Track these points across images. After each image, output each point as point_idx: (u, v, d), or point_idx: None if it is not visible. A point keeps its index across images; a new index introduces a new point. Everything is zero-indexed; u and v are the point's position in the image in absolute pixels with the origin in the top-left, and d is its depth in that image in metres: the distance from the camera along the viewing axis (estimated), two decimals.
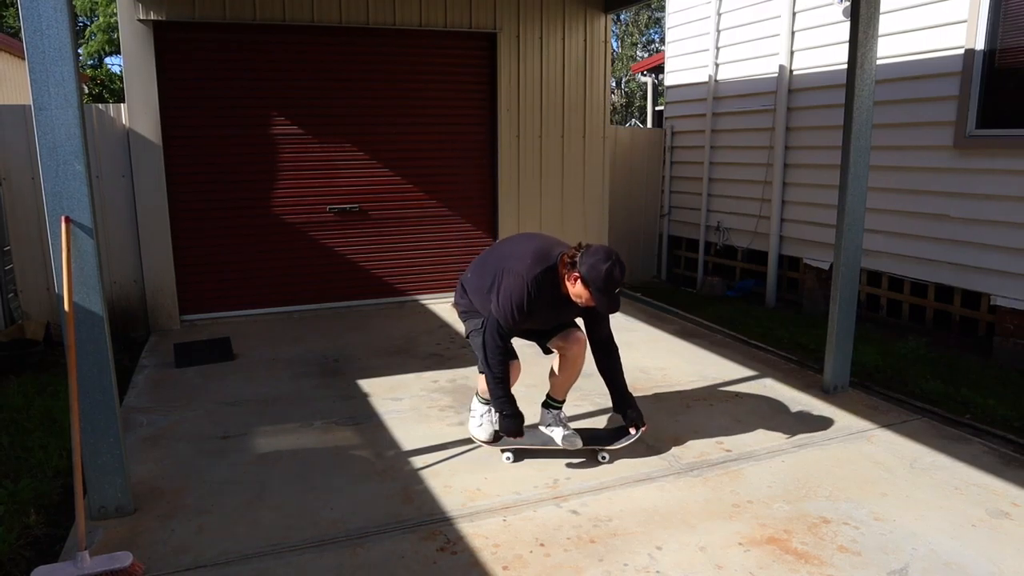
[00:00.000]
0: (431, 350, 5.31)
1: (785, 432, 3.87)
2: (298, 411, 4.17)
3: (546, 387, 4.60)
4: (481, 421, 3.66)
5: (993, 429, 3.98)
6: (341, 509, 3.09)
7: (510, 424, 3.35)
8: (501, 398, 3.36)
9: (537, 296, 3.26)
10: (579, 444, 3.54)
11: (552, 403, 3.72)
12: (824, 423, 4.00)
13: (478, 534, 2.91)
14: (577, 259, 3.17)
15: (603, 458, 3.55)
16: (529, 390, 4.45)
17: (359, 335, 5.72)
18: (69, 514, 3.06)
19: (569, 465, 3.49)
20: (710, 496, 3.20)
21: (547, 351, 3.72)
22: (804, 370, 4.89)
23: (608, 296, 3.14)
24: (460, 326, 5.93)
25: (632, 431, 3.59)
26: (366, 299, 6.61)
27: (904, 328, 5.97)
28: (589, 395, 4.39)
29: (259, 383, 4.64)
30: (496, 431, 3.61)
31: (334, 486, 3.29)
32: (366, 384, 4.60)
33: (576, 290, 3.20)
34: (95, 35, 25.03)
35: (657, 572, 2.66)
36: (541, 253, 3.32)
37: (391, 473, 3.42)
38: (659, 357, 5.15)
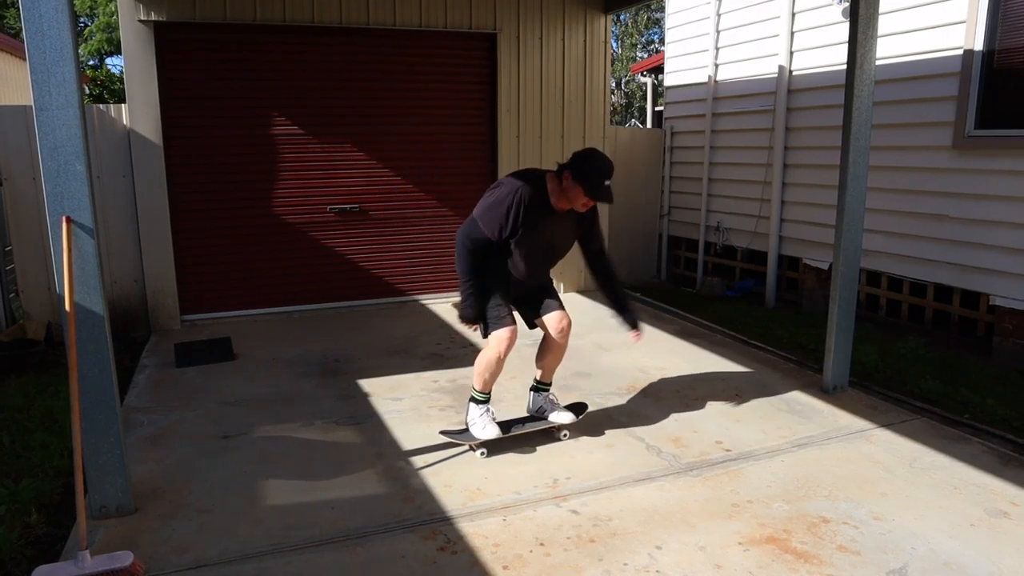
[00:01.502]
0: (431, 350, 5.32)
1: (785, 432, 3.88)
2: (298, 411, 4.17)
3: None
4: (484, 423, 3.60)
5: (992, 429, 3.98)
6: (341, 509, 3.09)
7: (470, 314, 3.50)
8: (467, 284, 3.47)
9: (524, 201, 3.38)
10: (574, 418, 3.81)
11: (541, 386, 3.86)
12: (823, 423, 4.00)
13: (478, 534, 2.91)
14: (564, 163, 3.40)
15: (564, 435, 3.77)
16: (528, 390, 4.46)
17: (359, 335, 5.73)
18: (70, 513, 3.06)
19: (569, 465, 3.50)
20: (710, 496, 3.21)
21: (532, 326, 3.81)
22: (804, 370, 4.90)
23: (599, 184, 3.29)
24: (461, 326, 5.95)
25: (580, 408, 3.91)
26: (366, 299, 6.61)
27: (903, 328, 5.98)
28: (589, 395, 4.40)
29: (259, 383, 4.65)
30: (499, 423, 3.66)
31: (334, 486, 3.29)
32: (366, 384, 4.61)
33: (569, 187, 3.34)
34: (94, 34, 25.05)
35: (657, 572, 2.66)
36: (527, 169, 3.60)
37: (391, 473, 3.43)
38: (659, 357, 5.15)
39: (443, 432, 3.75)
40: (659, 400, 4.33)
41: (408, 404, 4.28)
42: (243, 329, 5.87)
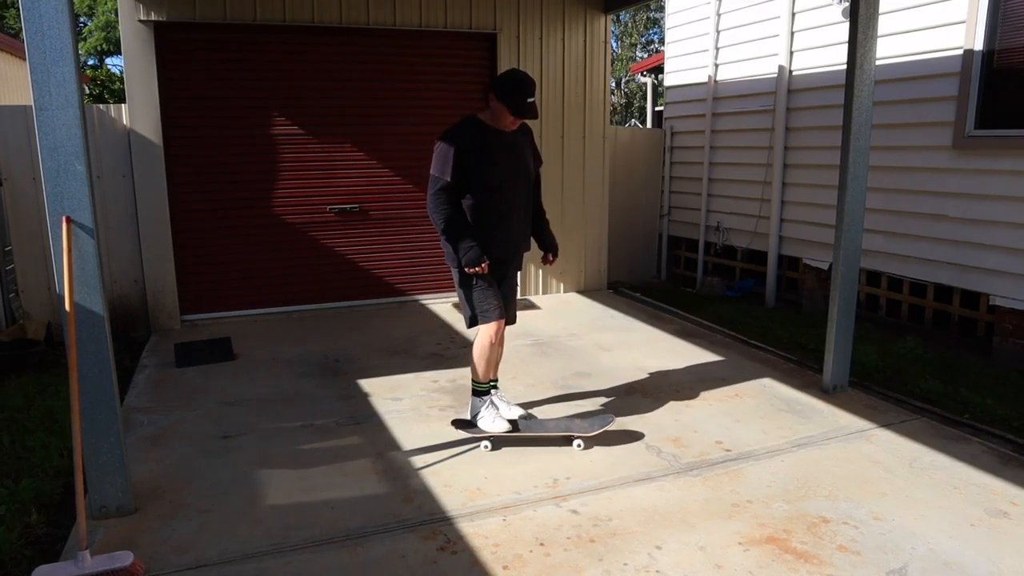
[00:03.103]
0: (431, 350, 5.32)
1: (785, 432, 3.88)
2: (298, 411, 4.17)
3: (545, 387, 4.63)
4: (492, 416, 3.67)
5: (992, 429, 3.98)
6: (341, 509, 3.10)
7: (474, 254, 3.46)
8: (458, 238, 3.49)
9: (465, 137, 3.47)
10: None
11: (493, 383, 3.90)
12: (823, 423, 4.00)
13: (478, 534, 2.91)
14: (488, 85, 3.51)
15: (578, 446, 3.65)
16: (528, 389, 4.47)
17: (359, 335, 5.73)
18: (70, 514, 3.06)
19: (569, 465, 3.50)
20: (710, 496, 3.21)
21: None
22: (804, 370, 4.89)
23: (522, 102, 3.38)
24: (460, 326, 5.96)
25: (610, 416, 3.82)
26: (366, 299, 6.61)
27: (903, 328, 5.98)
28: (589, 395, 4.40)
29: (259, 383, 4.65)
30: (510, 420, 3.70)
31: (334, 486, 3.29)
32: (366, 384, 4.61)
33: (495, 107, 3.45)
34: (92, 33, 25.09)
35: (657, 572, 2.66)
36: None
37: (391, 473, 3.43)
38: (659, 357, 5.15)
39: (454, 422, 3.79)
40: (659, 400, 4.33)
41: (408, 404, 4.28)
42: (243, 329, 5.87)
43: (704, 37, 7.89)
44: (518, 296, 6.99)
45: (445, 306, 6.61)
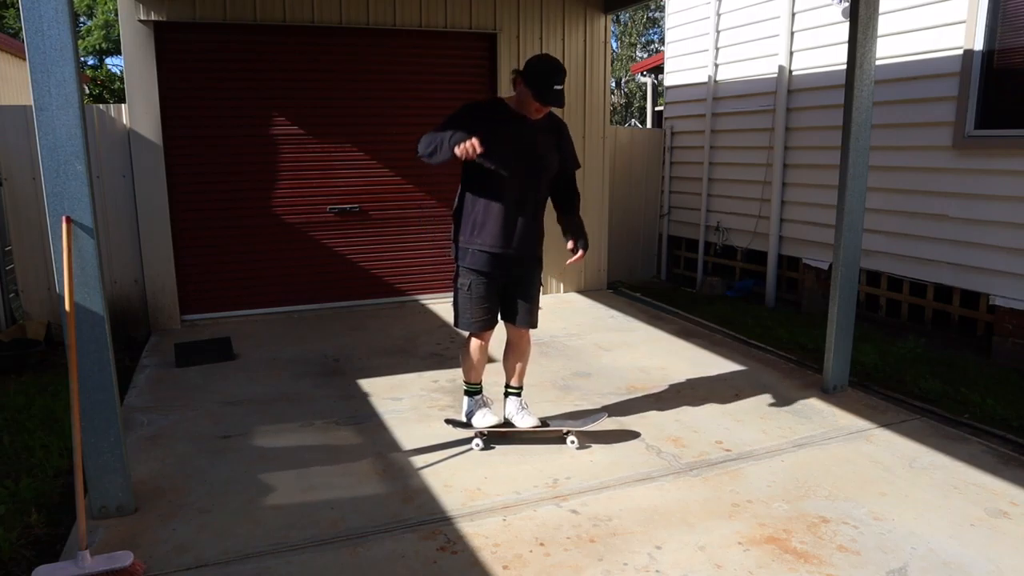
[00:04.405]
0: (431, 350, 5.32)
1: (785, 432, 3.88)
2: (298, 410, 4.17)
3: (545, 387, 4.62)
4: (483, 413, 3.68)
5: (992, 428, 3.98)
6: (341, 508, 3.10)
7: (460, 136, 3.20)
8: (443, 138, 3.27)
9: (482, 111, 3.39)
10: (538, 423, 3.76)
11: (511, 391, 3.81)
12: (823, 423, 4.00)
13: (478, 534, 2.91)
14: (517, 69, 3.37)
15: (572, 443, 3.66)
16: (528, 389, 4.47)
17: (359, 335, 5.73)
18: (70, 513, 3.06)
19: (569, 465, 3.50)
20: (710, 496, 3.21)
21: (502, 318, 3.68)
22: (804, 370, 4.90)
23: (547, 87, 3.24)
24: None
25: (602, 414, 3.80)
26: (366, 299, 6.61)
27: (903, 328, 5.98)
28: (589, 395, 4.40)
29: (260, 383, 4.65)
30: (502, 418, 3.72)
31: (334, 485, 3.29)
32: (366, 384, 4.61)
33: (521, 92, 3.31)
34: (91, 32, 25.13)
35: (657, 571, 2.66)
36: None
37: (391, 473, 3.43)
38: (659, 357, 5.15)
39: (448, 420, 3.81)
40: (659, 400, 4.33)
41: (408, 404, 4.28)
42: (243, 329, 5.87)
43: (704, 37, 7.89)
44: None
45: (445, 306, 6.60)
